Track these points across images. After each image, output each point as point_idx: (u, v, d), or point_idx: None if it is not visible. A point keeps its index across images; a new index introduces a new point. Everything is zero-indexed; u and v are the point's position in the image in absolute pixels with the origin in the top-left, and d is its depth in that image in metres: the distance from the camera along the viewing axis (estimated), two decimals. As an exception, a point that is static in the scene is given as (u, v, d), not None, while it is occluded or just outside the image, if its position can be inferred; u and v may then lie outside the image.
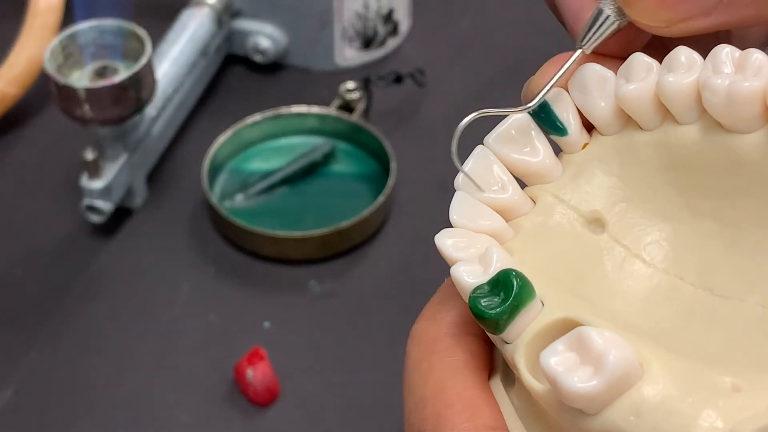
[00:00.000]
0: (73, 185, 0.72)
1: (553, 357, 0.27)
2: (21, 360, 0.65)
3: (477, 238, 0.31)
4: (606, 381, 0.26)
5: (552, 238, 0.32)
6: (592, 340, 0.27)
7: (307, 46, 0.83)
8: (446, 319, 0.32)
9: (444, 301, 0.33)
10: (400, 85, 0.79)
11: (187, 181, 0.75)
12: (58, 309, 0.68)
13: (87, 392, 0.63)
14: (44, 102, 0.80)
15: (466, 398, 0.30)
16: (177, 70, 0.76)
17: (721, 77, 0.29)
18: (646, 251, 0.32)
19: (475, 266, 0.30)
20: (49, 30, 0.77)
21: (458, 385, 0.31)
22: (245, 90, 0.82)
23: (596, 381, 0.27)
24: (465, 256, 0.31)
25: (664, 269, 0.32)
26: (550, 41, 0.88)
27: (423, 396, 0.31)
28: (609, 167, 0.32)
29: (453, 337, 0.32)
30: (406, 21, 0.86)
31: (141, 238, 0.72)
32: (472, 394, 0.30)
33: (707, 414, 0.26)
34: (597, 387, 0.27)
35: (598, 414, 0.27)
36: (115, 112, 0.66)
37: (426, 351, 0.32)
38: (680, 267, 0.32)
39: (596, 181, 0.32)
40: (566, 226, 0.32)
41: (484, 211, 0.32)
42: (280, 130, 0.77)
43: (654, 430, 0.27)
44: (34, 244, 0.72)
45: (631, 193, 0.32)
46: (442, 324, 0.32)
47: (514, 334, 0.29)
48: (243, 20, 0.83)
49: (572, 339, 0.27)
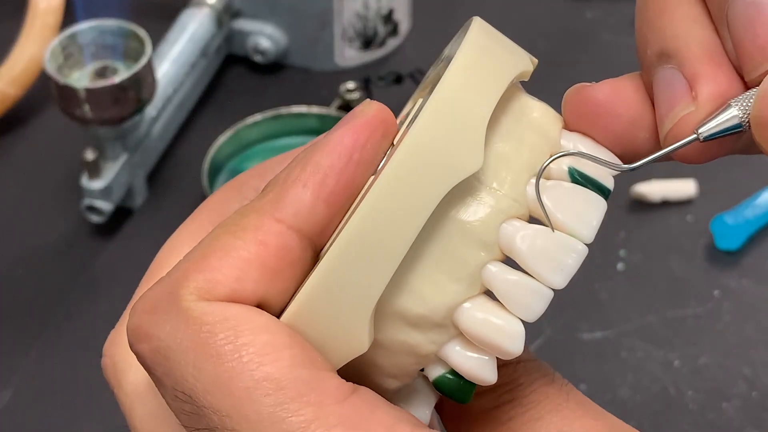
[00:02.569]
0: (73, 185, 0.72)
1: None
2: (21, 360, 0.65)
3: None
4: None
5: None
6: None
7: (307, 46, 0.83)
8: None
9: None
10: (400, 85, 0.79)
11: (187, 181, 0.75)
12: (58, 309, 0.68)
13: (87, 392, 0.63)
14: (44, 102, 0.80)
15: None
16: (177, 71, 0.76)
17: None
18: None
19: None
20: (50, 30, 0.77)
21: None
22: (245, 90, 0.82)
23: None
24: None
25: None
26: (550, 41, 0.88)
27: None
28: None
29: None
30: (406, 21, 0.86)
31: (141, 238, 0.72)
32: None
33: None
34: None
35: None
36: (115, 112, 0.66)
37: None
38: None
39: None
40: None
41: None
42: (280, 130, 0.77)
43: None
44: (34, 244, 0.72)
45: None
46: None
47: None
48: (243, 20, 0.83)
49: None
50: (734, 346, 0.65)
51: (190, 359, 0.29)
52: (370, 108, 0.31)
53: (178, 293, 0.29)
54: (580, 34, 0.86)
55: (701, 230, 0.71)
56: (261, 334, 0.29)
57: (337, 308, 0.29)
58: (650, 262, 0.70)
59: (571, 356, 0.65)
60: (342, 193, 0.30)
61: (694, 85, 0.30)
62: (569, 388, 0.33)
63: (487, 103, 0.30)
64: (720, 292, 0.68)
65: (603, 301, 0.68)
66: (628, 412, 0.62)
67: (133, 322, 0.30)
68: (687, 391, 0.63)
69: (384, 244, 0.29)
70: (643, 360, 0.65)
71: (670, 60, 0.31)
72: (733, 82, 0.30)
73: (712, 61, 0.30)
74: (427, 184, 0.29)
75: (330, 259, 0.29)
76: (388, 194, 0.29)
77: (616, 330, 0.66)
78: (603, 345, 0.65)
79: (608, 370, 0.64)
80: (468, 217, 0.30)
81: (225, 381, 0.28)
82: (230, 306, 0.29)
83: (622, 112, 0.32)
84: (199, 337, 0.29)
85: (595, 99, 0.32)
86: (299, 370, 0.28)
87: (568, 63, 0.83)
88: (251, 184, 0.36)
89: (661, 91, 0.31)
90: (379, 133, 0.31)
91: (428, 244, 0.30)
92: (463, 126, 0.29)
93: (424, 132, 0.29)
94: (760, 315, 0.67)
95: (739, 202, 0.71)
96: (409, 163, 0.29)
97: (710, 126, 0.30)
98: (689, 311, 0.67)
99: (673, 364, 0.65)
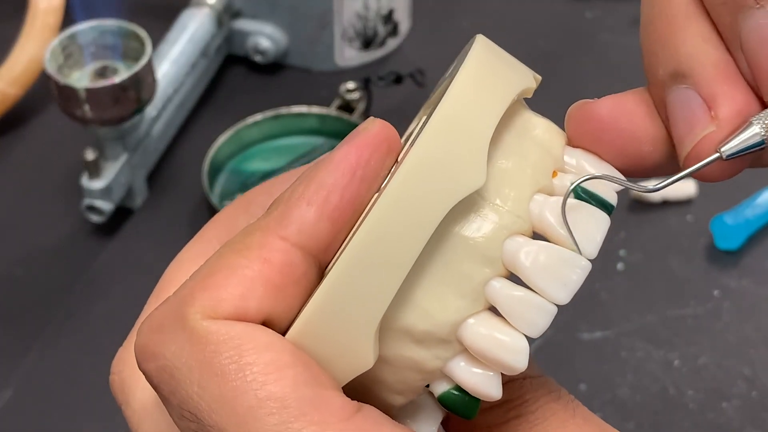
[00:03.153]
0: (74, 185, 0.72)
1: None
2: (21, 360, 0.65)
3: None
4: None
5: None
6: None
7: (307, 46, 0.83)
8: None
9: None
10: (400, 85, 0.79)
11: (187, 181, 0.75)
12: (58, 309, 0.68)
13: (87, 392, 0.63)
14: (44, 102, 0.80)
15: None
16: (177, 71, 0.76)
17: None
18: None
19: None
20: (50, 30, 0.77)
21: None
22: (245, 90, 0.83)
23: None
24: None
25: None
26: (550, 41, 0.88)
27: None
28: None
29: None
30: (406, 21, 0.86)
31: (141, 238, 0.72)
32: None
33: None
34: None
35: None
36: (115, 112, 0.66)
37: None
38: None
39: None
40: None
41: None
42: (280, 130, 0.77)
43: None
44: (34, 244, 0.72)
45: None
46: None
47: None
48: (243, 20, 0.83)
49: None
50: (734, 346, 0.65)
51: (195, 378, 0.29)
52: (373, 125, 0.31)
53: (184, 312, 0.30)
54: (580, 34, 0.86)
55: (701, 230, 0.71)
56: (265, 353, 0.29)
57: (342, 324, 0.30)
58: (650, 262, 0.70)
59: (571, 356, 0.65)
60: (346, 210, 0.30)
61: (712, 105, 0.30)
62: (575, 404, 0.34)
63: (490, 119, 0.30)
64: (720, 292, 0.68)
65: (603, 301, 0.68)
66: (628, 412, 0.62)
67: (140, 341, 0.30)
68: (687, 390, 0.63)
69: (388, 260, 0.29)
70: (643, 360, 0.65)
71: (685, 80, 0.31)
72: (751, 99, 0.30)
73: (728, 80, 0.30)
74: (430, 201, 0.29)
75: (334, 276, 0.29)
76: (392, 210, 0.29)
77: (616, 330, 0.66)
78: (603, 345, 0.65)
79: (608, 370, 0.64)
80: (472, 233, 0.30)
81: (229, 400, 0.28)
82: (235, 324, 0.29)
83: (625, 127, 0.32)
84: (204, 356, 0.29)
85: (598, 115, 0.32)
86: (303, 389, 0.28)
87: (568, 63, 0.83)
88: (259, 201, 0.36)
89: (678, 112, 0.31)
90: (383, 150, 0.31)
91: (432, 261, 0.30)
92: (465, 142, 0.30)
93: (427, 148, 0.29)
94: (759, 315, 0.67)
95: (739, 202, 0.71)
96: (412, 179, 0.29)
97: (733, 144, 0.30)
98: (689, 311, 0.67)
99: (672, 364, 0.65)
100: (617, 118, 0.32)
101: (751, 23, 0.29)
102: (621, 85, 0.35)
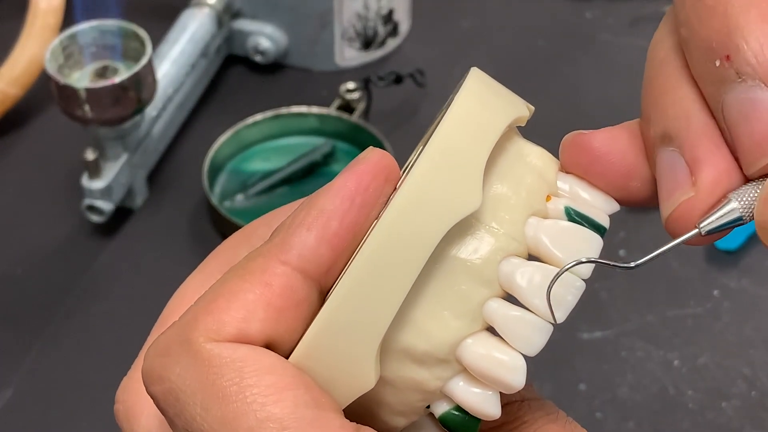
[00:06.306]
0: (74, 185, 0.72)
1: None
2: (21, 360, 0.65)
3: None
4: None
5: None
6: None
7: (307, 46, 0.83)
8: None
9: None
10: (399, 86, 0.79)
11: (187, 181, 0.75)
12: (58, 309, 0.68)
13: (87, 392, 0.63)
14: (45, 102, 0.80)
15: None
16: (177, 71, 0.76)
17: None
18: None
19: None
20: (50, 30, 0.77)
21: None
22: (245, 90, 0.83)
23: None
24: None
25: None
26: (550, 41, 0.88)
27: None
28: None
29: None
30: (406, 21, 0.86)
31: (141, 238, 0.72)
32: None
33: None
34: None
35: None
36: (115, 112, 0.66)
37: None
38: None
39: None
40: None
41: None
42: (280, 130, 0.77)
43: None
44: (34, 244, 0.72)
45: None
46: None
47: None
48: (243, 21, 0.83)
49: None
50: (733, 346, 0.65)
51: (198, 400, 0.30)
52: (372, 154, 0.32)
53: (188, 336, 0.30)
54: (580, 34, 0.86)
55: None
56: (266, 375, 0.29)
57: (344, 346, 0.30)
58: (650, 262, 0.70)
59: (571, 356, 0.65)
60: (345, 236, 0.31)
61: (693, 170, 0.31)
62: (573, 425, 0.34)
63: (485, 145, 0.31)
64: (719, 292, 0.68)
65: (603, 301, 0.68)
66: (628, 411, 0.62)
67: (147, 365, 0.31)
68: (687, 390, 0.63)
69: (387, 282, 0.30)
70: (643, 360, 0.65)
71: (672, 142, 0.31)
72: (732, 167, 0.31)
73: (711, 144, 0.31)
74: (427, 224, 0.30)
75: (335, 299, 0.30)
76: (391, 234, 0.30)
77: (616, 330, 0.66)
78: (603, 345, 0.66)
79: (608, 369, 0.64)
80: (469, 255, 0.31)
81: (230, 421, 0.29)
82: (238, 347, 0.30)
83: (616, 162, 0.33)
84: (207, 378, 0.30)
85: (590, 147, 0.33)
86: (303, 411, 0.29)
87: (568, 63, 0.83)
88: (259, 233, 0.37)
89: (663, 174, 0.32)
90: (381, 177, 0.32)
91: (431, 282, 0.31)
92: (461, 167, 0.31)
93: (423, 174, 0.30)
94: (759, 315, 0.67)
95: (738, 202, 0.71)
96: (410, 203, 0.30)
97: (711, 220, 0.31)
98: (689, 311, 0.67)
99: (672, 364, 0.65)
100: (609, 152, 0.33)
101: (733, 97, 0.29)
102: (621, 85, 0.35)
